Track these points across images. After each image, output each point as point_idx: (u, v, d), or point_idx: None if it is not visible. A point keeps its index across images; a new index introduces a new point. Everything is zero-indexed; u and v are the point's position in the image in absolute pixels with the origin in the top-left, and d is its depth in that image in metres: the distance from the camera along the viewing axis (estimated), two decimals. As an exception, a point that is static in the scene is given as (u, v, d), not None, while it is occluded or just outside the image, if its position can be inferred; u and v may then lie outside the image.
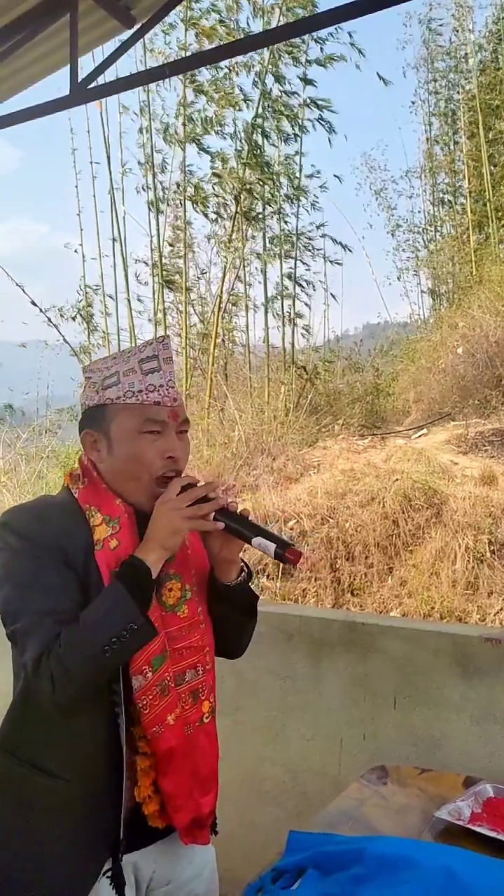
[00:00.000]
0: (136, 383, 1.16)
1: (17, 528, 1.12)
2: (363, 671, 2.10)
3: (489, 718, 1.91)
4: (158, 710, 1.13)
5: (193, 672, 1.20)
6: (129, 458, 1.16)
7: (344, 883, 1.14)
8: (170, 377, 1.18)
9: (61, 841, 1.13)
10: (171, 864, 1.24)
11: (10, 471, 6.92)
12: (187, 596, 1.21)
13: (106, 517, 1.16)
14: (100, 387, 1.19)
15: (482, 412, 6.61)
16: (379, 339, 10.69)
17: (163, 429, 1.17)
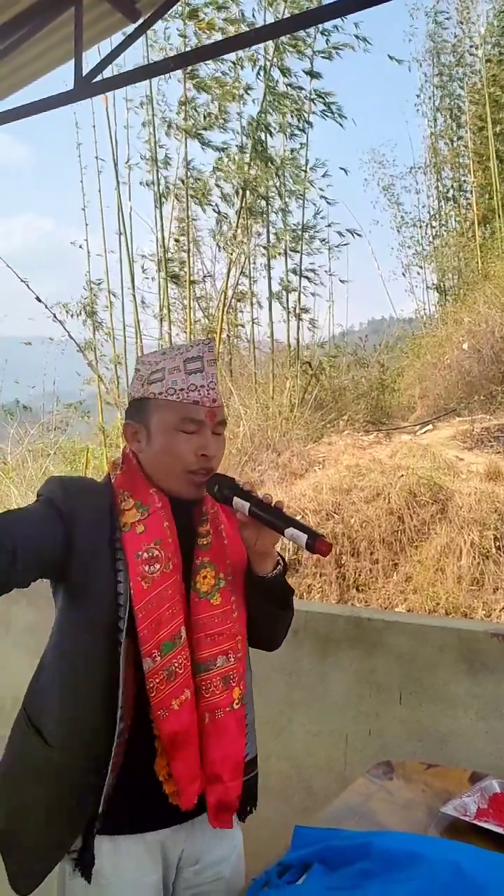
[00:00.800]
0: (178, 381, 1.22)
1: (47, 488, 1.23)
2: (369, 667, 2.09)
3: (495, 714, 1.90)
4: (164, 695, 1.16)
5: (225, 658, 1.23)
6: (165, 451, 1.23)
7: (350, 878, 1.14)
8: (211, 378, 1.24)
9: (38, 807, 1.20)
10: (200, 845, 1.27)
11: (17, 467, 6.93)
12: (221, 584, 1.25)
13: (137, 503, 1.22)
14: (146, 381, 1.25)
15: (488, 408, 6.59)
16: (384, 335, 10.66)
17: (199, 427, 1.23)
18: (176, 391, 1.21)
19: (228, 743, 1.22)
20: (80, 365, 7.71)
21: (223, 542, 1.28)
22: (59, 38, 3.00)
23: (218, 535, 1.27)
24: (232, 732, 1.22)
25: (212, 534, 1.27)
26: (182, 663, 1.18)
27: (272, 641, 1.39)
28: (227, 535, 1.29)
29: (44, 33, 2.93)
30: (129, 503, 1.22)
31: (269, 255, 7.97)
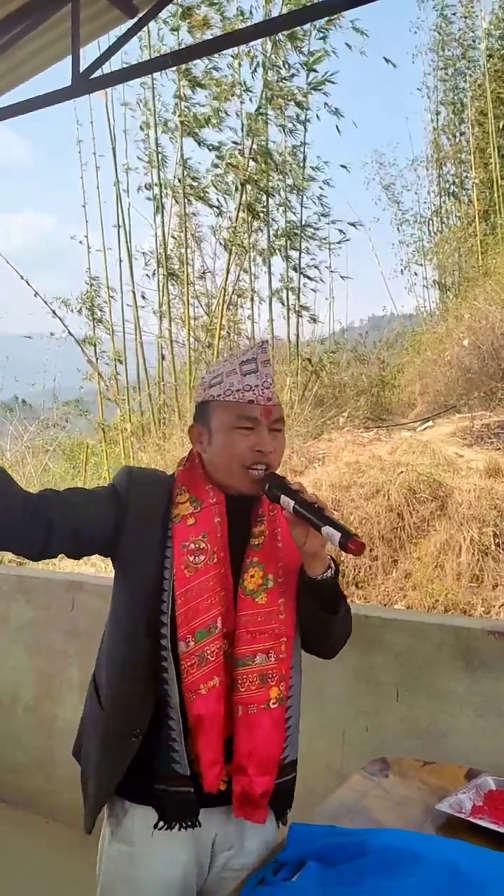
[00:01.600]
0: (234, 383, 1.30)
1: (117, 476, 1.36)
2: (367, 664, 2.10)
3: (493, 711, 1.91)
4: (194, 679, 1.23)
5: (265, 657, 1.27)
6: (224, 449, 1.30)
7: (345, 875, 1.14)
8: (265, 378, 1.31)
9: (88, 760, 1.35)
10: (234, 831, 1.32)
11: (16, 463, 6.93)
12: (268, 585, 1.29)
13: (192, 497, 1.31)
14: (207, 385, 1.35)
15: (488, 404, 6.58)
16: (384, 332, 10.65)
17: (255, 425, 1.30)
18: (232, 392, 1.30)
19: (259, 739, 1.25)
20: (80, 362, 7.71)
21: (276, 545, 1.33)
22: (56, 35, 2.99)
23: (272, 537, 1.33)
24: (264, 729, 1.26)
25: (266, 535, 1.33)
26: (214, 652, 1.24)
27: (325, 648, 1.42)
28: (282, 538, 1.34)
29: (41, 30, 2.92)
30: (184, 497, 1.31)
31: (269, 251, 7.96)
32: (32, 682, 2.97)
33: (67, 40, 2.86)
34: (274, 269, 8.10)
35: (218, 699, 1.24)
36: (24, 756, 3.00)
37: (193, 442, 1.37)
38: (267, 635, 1.27)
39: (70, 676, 2.83)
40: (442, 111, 10.52)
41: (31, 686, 2.97)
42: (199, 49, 3.74)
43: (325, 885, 1.12)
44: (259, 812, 1.28)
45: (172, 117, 7.53)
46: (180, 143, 7.45)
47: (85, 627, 2.76)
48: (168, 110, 7.65)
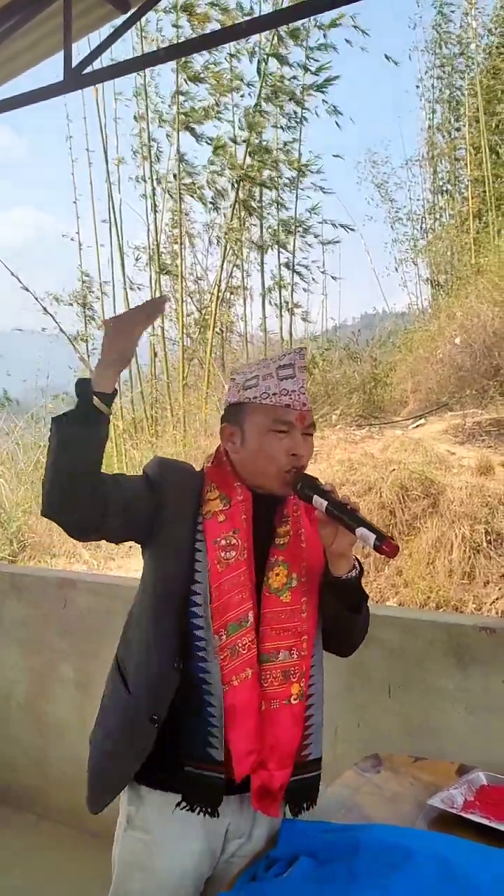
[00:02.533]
0: (272, 387, 1.32)
1: (148, 465, 1.38)
2: (358, 660, 2.09)
3: (484, 708, 1.91)
4: (228, 670, 1.25)
5: (287, 653, 1.29)
6: (258, 450, 1.32)
7: (338, 870, 1.14)
8: (302, 384, 1.34)
9: (104, 740, 1.35)
10: (247, 820, 1.33)
11: (7, 460, 6.90)
12: (292, 584, 1.32)
13: (222, 495, 1.33)
14: (241, 387, 1.36)
15: (479, 402, 6.60)
16: (377, 330, 10.66)
17: (290, 429, 1.32)
18: (269, 395, 1.32)
19: (280, 734, 1.27)
20: (72, 359, 7.68)
21: (301, 545, 1.36)
22: (48, 30, 2.97)
23: (297, 537, 1.35)
24: (284, 725, 1.28)
25: (290, 535, 1.35)
26: (247, 644, 1.27)
27: (346, 646, 1.45)
28: (306, 538, 1.37)
29: (32, 24, 2.90)
30: (213, 493, 1.33)
31: (262, 249, 7.95)
32: (25, 679, 2.96)
33: (59, 35, 2.85)
34: (267, 266, 8.07)
35: (251, 689, 1.26)
36: (16, 754, 2.99)
37: (224, 440, 1.39)
38: (290, 633, 1.30)
39: (63, 674, 2.82)
40: (437, 109, 10.55)
41: (23, 684, 2.97)
42: (194, 44, 3.72)
43: (317, 880, 1.13)
44: (275, 805, 1.30)
45: (168, 109, 7.51)
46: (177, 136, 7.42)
47: (77, 625, 2.75)
48: (164, 102, 7.63)
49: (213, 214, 8.21)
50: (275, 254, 8.01)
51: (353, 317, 14.04)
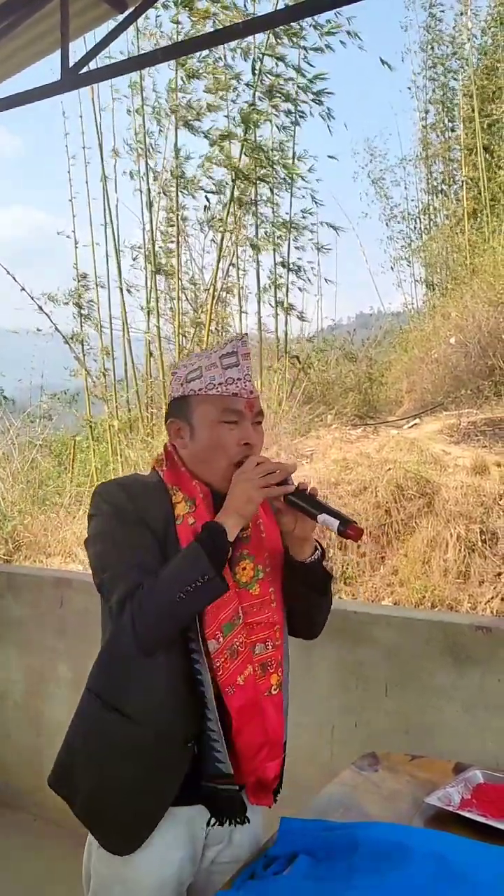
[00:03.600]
0: (216, 377, 1.29)
1: (107, 497, 1.29)
2: (355, 659, 2.11)
3: (479, 706, 1.92)
4: (230, 672, 1.24)
5: (263, 646, 1.30)
6: (209, 444, 1.30)
7: (335, 869, 1.15)
8: (247, 372, 1.30)
9: (132, 777, 1.26)
10: (227, 825, 1.31)
11: (2, 459, 6.89)
12: (259, 576, 1.31)
13: (185, 496, 1.30)
14: (184, 380, 1.32)
15: (474, 402, 6.62)
16: (372, 329, 10.67)
17: (240, 418, 1.29)
18: (215, 385, 1.28)
19: (268, 726, 1.28)
20: (68, 359, 7.66)
21: (261, 535, 1.34)
22: (45, 29, 2.97)
23: (256, 528, 1.34)
24: (269, 716, 1.29)
25: (250, 526, 1.33)
26: (242, 642, 1.26)
27: (312, 628, 1.44)
28: (264, 527, 1.36)
29: (29, 23, 2.90)
30: (178, 496, 1.29)
31: (257, 247, 7.95)
32: (21, 679, 2.96)
33: (56, 34, 2.85)
34: (262, 265, 8.07)
35: (254, 685, 1.27)
36: (12, 754, 2.99)
37: (171, 437, 1.35)
38: (263, 625, 1.30)
39: (59, 674, 2.82)
40: (431, 109, 10.56)
41: (20, 683, 2.96)
42: (192, 45, 3.73)
43: (315, 878, 1.13)
44: (269, 796, 1.32)
45: (165, 105, 7.49)
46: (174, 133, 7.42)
47: (73, 625, 2.75)
48: (161, 98, 7.61)
49: (209, 212, 8.20)
50: (270, 253, 8.01)
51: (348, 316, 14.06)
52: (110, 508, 1.27)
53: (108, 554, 1.25)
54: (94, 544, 1.28)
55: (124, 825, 1.27)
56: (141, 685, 1.27)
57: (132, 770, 1.26)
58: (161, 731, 1.26)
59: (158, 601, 1.17)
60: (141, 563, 1.22)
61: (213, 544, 1.20)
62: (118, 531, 1.25)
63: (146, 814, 1.26)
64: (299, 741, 2.15)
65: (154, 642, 1.20)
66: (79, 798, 1.32)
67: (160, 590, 1.18)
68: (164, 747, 1.26)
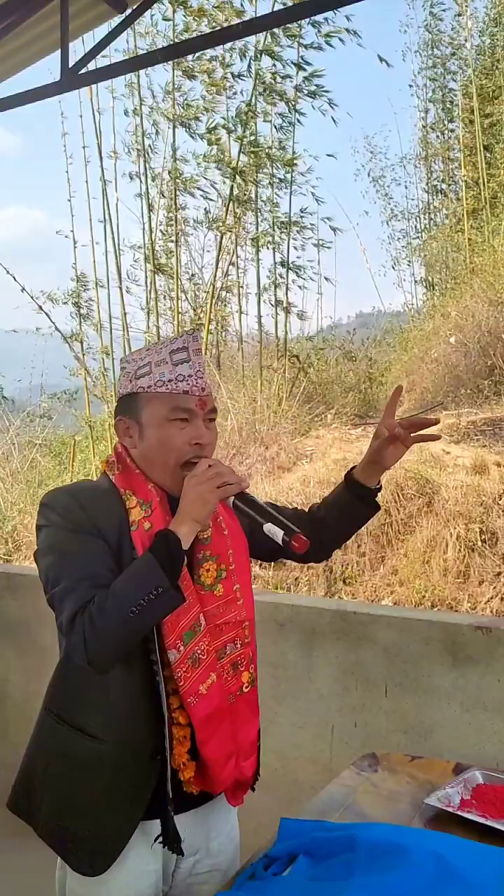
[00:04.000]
0: (166, 373, 1.24)
1: (57, 506, 1.22)
2: (355, 659, 2.11)
3: (479, 706, 1.93)
4: (192, 682, 1.21)
5: (233, 645, 1.29)
6: (158, 443, 1.25)
7: (335, 869, 1.15)
8: (199, 368, 1.25)
9: (97, 796, 1.23)
10: (201, 834, 1.31)
11: (1, 459, 6.89)
12: (222, 575, 1.28)
13: (140, 500, 1.24)
14: (133, 376, 1.27)
15: (474, 401, 6.62)
16: (372, 329, 10.67)
17: (191, 416, 1.25)
18: (165, 382, 1.23)
19: (241, 725, 1.28)
20: (68, 358, 7.66)
21: (223, 533, 1.31)
22: (44, 29, 2.97)
23: (217, 528, 1.30)
24: (243, 715, 1.29)
25: (211, 527, 1.29)
26: (204, 649, 1.23)
27: (329, 551, 1.54)
28: (225, 524, 1.33)
29: (29, 23, 2.89)
30: (132, 501, 1.24)
31: (257, 246, 7.94)
32: (20, 679, 2.96)
33: (56, 34, 2.84)
34: (262, 264, 8.06)
35: (219, 693, 1.25)
36: (11, 754, 2.99)
37: (120, 436, 1.30)
38: (231, 625, 1.28)
39: (58, 673, 2.82)
40: (430, 108, 10.56)
41: (19, 684, 2.97)
42: (191, 45, 3.72)
43: (315, 879, 1.14)
44: (244, 793, 1.33)
45: (162, 105, 7.49)
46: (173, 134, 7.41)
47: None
48: (158, 98, 7.61)
49: (208, 212, 8.20)
50: (270, 252, 8.00)
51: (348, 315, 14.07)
52: (59, 518, 1.21)
53: (57, 567, 1.18)
54: (44, 557, 1.21)
55: (93, 845, 1.22)
56: (101, 701, 1.23)
57: (97, 788, 1.22)
58: (125, 746, 1.22)
59: (110, 616, 1.11)
60: (92, 575, 1.16)
61: (167, 554, 1.14)
62: (68, 542, 1.19)
63: (115, 832, 1.21)
64: (299, 741, 2.16)
65: (107, 660, 1.15)
66: (41, 820, 1.28)
67: (112, 604, 1.12)
68: (129, 762, 1.21)
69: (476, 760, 1.59)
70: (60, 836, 1.26)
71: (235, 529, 1.34)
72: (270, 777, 2.16)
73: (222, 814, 1.36)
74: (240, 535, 1.34)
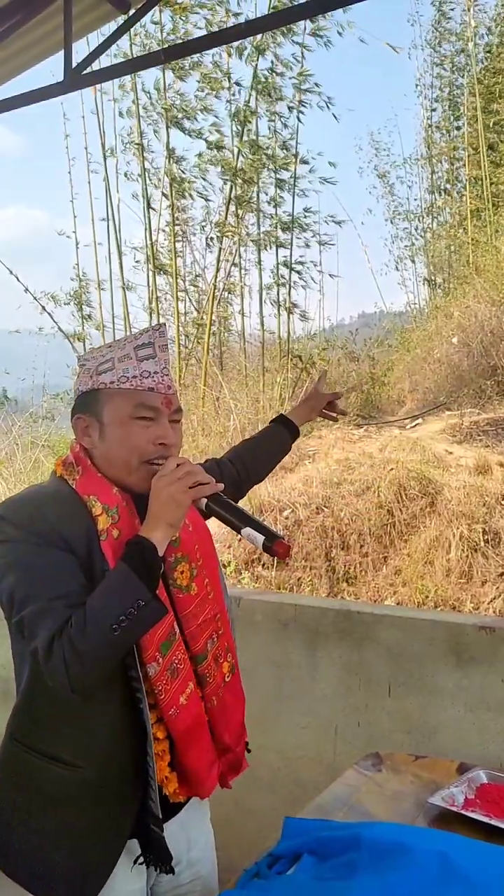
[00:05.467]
0: (130, 369, 1.16)
1: (15, 518, 1.12)
2: (358, 659, 2.11)
3: (483, 706, 1.92)
4: (172, 693, 1.17)
5: (211, 641, 1.27)
6: (120, 442, 1.17)
7: (339, 868, 1.15)
8: (164, 365, 1.18)
9: (79, 825, 1.15)
10: (180, 844, 1.26)
11: (4, 460, 6.90)
12: (194, 573, 1.24)
13: (105, 506, 1.15)
14: (94, 372, 1.19)
15: (477, 401, 6.62)
16: (375, 329, 10.67)
17: (156, 415, 1.18)
18: (129, 379, 1.16)
19: (230, 716, 1.28)
20: (70, 357, 7.67)
21: (189, 531, 1.25)
22: (48, 30, 2.97)
23: (183, 527, 1.22)
24: (230, 705, 1.29)
25: (181, 527, 1.21)
26: (181, 658, 1.19)
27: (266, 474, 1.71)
28: (189, 521, 1.26)
29: (32, 24, 2.90)
30: (98, 508, 1.15)
31: (259, 246, 7.95)
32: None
33: (59, 35, 2.85)
34: (264, 264, 8.08)
35: (197, 701, 1.22)
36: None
37: (79, 436, 1.21)
38: (208, 621, 1.26)
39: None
40: (437, 107, 10.55)
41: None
42: (194, 45, 3.72)
43: (319, 878, 1.14)
44: (235, 775, 1.34)
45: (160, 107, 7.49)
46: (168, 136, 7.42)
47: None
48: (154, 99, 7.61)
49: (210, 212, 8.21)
50: (272, 252, 8.01)
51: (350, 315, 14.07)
52: (19, 532, 1.10)
53: (24, 586, 1.08)
54: (6, 576, 1.09)
55: (76, 877, 1.15)
56: (78, 726, 1.15)
57: (78, 817, 1.15)
58: (107, 768, 1.15)
59: (92, 637, 1.03)
60: (65, 594, 1.07)
61: (142, 563, 1.07)
62: (33, 557, 1.09)
63: (101, 858, 1.15)
64: (302, 741, 2.16)
65: (91, 683, 1.06)
66: (11, 860, 1.17)
67: (92, 624, 1.03)
68: (113, 784, 1.16)
69: (480, 760, 1.59)
70: (37, 874, 1.16)
71: (197, 521, 1.28)
72: (274, 777, 2.17)
73: (197, 819, 1.32)
74: (201, 527, 1.29)
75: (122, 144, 7.77)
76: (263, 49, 7.16)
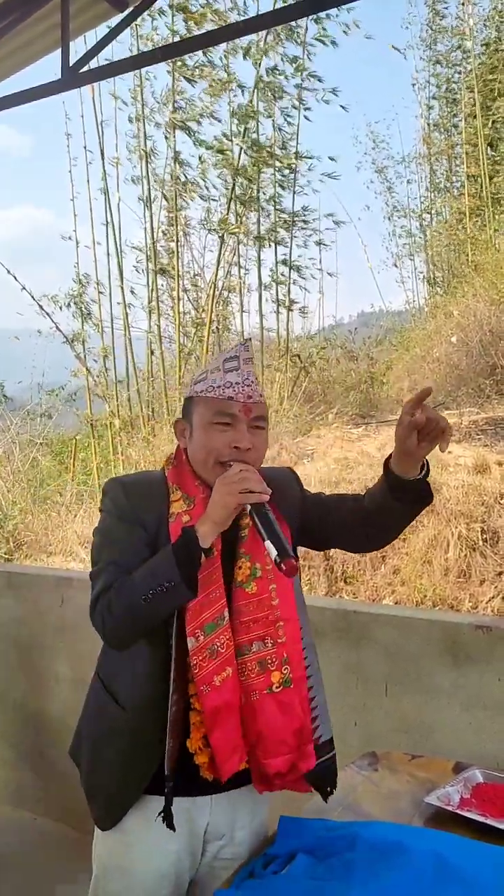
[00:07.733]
0: (217, 380, 1.33)
1: (111, 494, 1.36)
2: (355, 659, 2.11)
3: (479, 705, 1.92)
4: (207, 672, 1.25)
5: (261, 644, 1.30)
6: (202, 444, 1.33)
7: (334, 868, 1.15)
8: (247, 376, 1.33)
9: (109, 761, 1.35)
10: (226, 820, 1.35)
11: (2, 458, 6.89)
12: (257, 574, 1.32)
13: (185, 495, 1.33)
14: (193, 382, 1.39)
15: (476, 401, 6.61)
16: (374, 328, 10.66)
17: (233, 421, 1.31)
18: (214, 388, 1.32)
19: (263, 723, 1.28)
20: (69, 358, 7.65)
21: None
22: (45, 27, 2.97)
23: (251, 528, 1.33)
24: (268, 714, 1.28)
25: (249, 527, 1.34)
26: (224, 643, 1.27)
27: (387, 539, 1.49)
28: None
29: (30, 22, 2.89)
30: (177, 495, 1.33)
31: (259, 246, 7.94)
32: (21, 678, 2.96)
33: (57, 33, 2.84)
34: (264, 263, 8.06)
35: (233, 688, 1.27)
36: (11, 752, 2.99)
37: (177, 436, 1.41)
38: (261, 623, 1.30)
39: (59, 672, 2.82)
40: (434, 105, 10.53)
41: (19, 682, 2.97)
42: (191, 44, 3.72)
43: (314, 877, 1.14)
44: (272, 786, 1.32)
45: (163, 109, 7.49)
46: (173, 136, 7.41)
47: (74, 623, 2.76)
48: (157, 100, 7.60)
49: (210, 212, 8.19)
50: (272, 251, 8.00)
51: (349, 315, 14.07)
52: (110, 505, 1.34)
53: (98, 548, 1.33)
54: (95, 537, 1.35)
55: (107, 802, 1.35)
56: (128, 673, 1.33)
57: (115, 753, 1.33)
58: (139, 719, 1.30)
59: (124, 601, 1.23)
60: (120, 561, 1.28)
61: (185, 550, 1.23)
62: (111, 528, 1.33)
63: (122, 796, 1.32)
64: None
65: (120, 638, 1.27)
66: (82, 771, 1.42)
67: (128, 590, 1.23)
68: (139, 735, 1.30)
69: (476, 759, 1.59)
70: (90, 788, 1.39)
71: (281, 528, 1.34)
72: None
73: (249, 805, 1.38)
74: (285, 534, 1.35)
75: (125, 145, 7.76)
76: (267, 50, 7.15)
